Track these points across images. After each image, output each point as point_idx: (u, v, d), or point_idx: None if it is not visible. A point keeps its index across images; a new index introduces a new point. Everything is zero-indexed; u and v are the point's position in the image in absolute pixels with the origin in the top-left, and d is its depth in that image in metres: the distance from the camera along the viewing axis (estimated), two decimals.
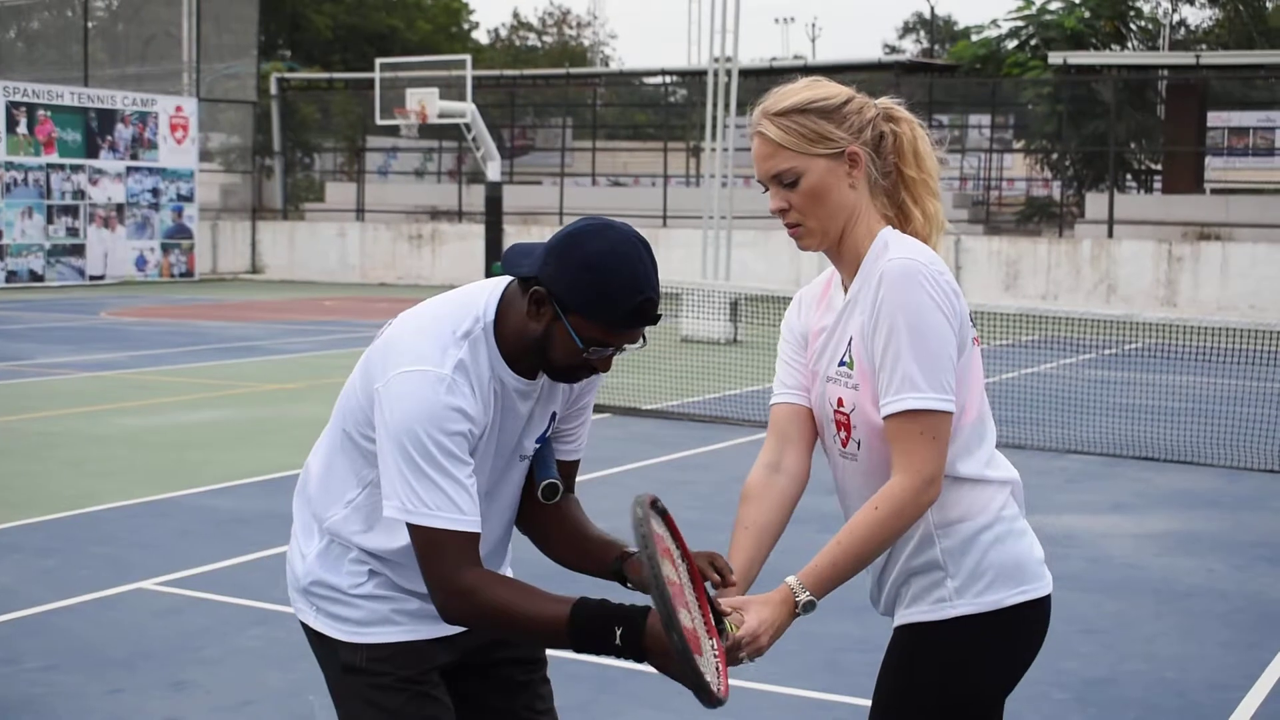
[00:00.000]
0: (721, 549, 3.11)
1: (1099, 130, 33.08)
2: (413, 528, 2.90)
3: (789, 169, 2.97)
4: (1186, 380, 15.29)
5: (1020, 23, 36.31)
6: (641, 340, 2.94)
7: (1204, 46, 50.33)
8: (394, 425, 2.88)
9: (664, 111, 44.38)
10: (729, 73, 21.51)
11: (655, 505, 2.82)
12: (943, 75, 38.10)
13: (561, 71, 44.81)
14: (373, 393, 2.96)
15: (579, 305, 2.86)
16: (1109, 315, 15.47)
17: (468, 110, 29.72)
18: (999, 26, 37.24)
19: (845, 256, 3.04)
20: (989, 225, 34.15)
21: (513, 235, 33.32)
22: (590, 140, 42.72)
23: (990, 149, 37.92)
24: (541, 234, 34.78)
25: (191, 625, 6.99)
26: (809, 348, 3.14)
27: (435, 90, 29.79)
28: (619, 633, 2.79)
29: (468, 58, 32.90)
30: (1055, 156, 35.25)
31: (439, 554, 2.89)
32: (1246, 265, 27.93)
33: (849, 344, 3.01)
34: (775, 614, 2.87)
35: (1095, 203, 32.30)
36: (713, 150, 22.00)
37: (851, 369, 2.98)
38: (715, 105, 21.64)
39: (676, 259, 31.08)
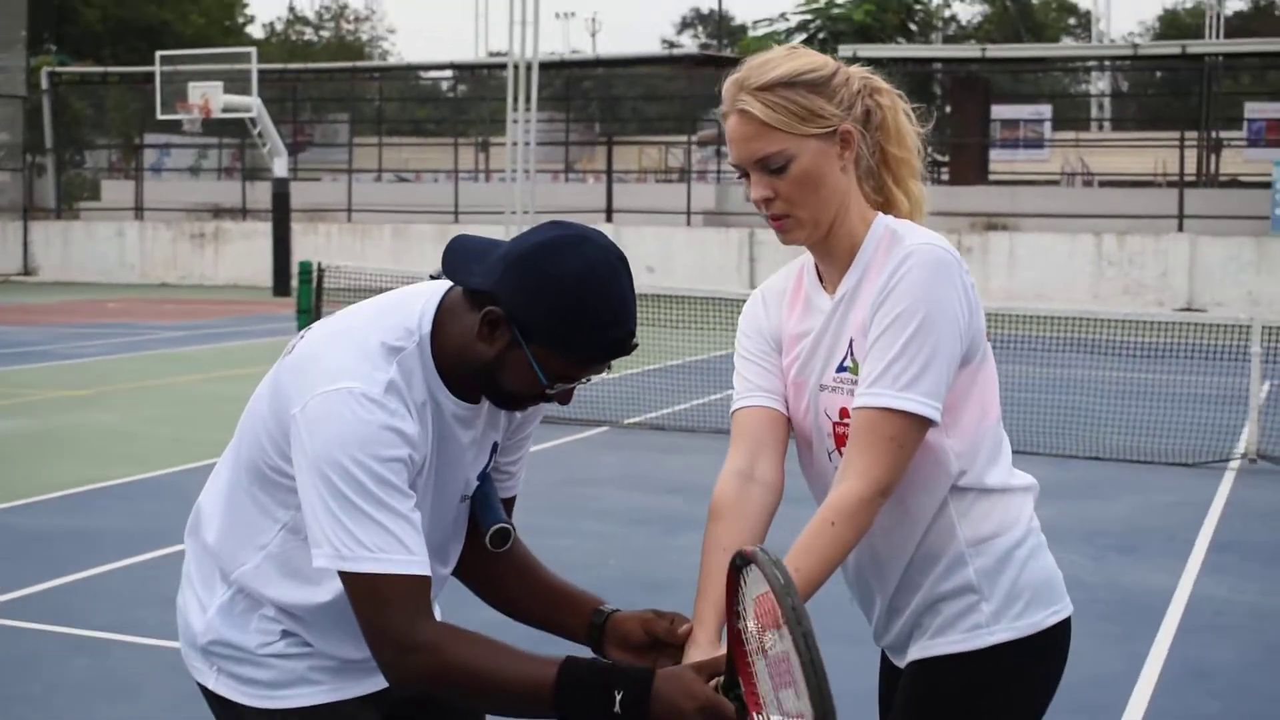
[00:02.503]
0: (564, 554, 2.73)
1: None
2: (350, 577, 2.42)
3: (778, 152, 2.60)
4: (1002, 370, 15.37)
5: (809, 16, 36.59)
6: (608, 369, 2.54)
7: (973, 41, 51.45)
8: (317, 455, 2.41)
9: (448, 107, 43.77)
10: (529, 66, 21.13)
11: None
12: (733, 68, 38.20)
13: (347, 65, 43.91)
14: (287, 420, 2.49)
15: (546, 336, 2.43)
16: None
17: (253, 105, 28.86)
18: (788, 20, 37.50)
19: (836, 248, 2.69)
20: None
21: (299, 233, 32.46)
22: (373, 136, 41.86)
23: None
24: (329, 231, 33.95)
25: (9, 655, 6.40)
26: (786, 354, 2.78)
27: (220, 84, 28.87)
28: (619, 698, 2.36)
29: (253, 50, 31.91)
30: None
31: (385, 606, 2.41)
32: (1032, 255, 28.50)
33: (849, 346, 2.66)
34: None
35: None
36: (514, 145, 21.59)
37: (855, 373, 2.64)
38: (516, 99, 21.25)
39: None
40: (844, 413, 2.65)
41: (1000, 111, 41.34)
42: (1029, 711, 2.73)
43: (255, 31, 68.86)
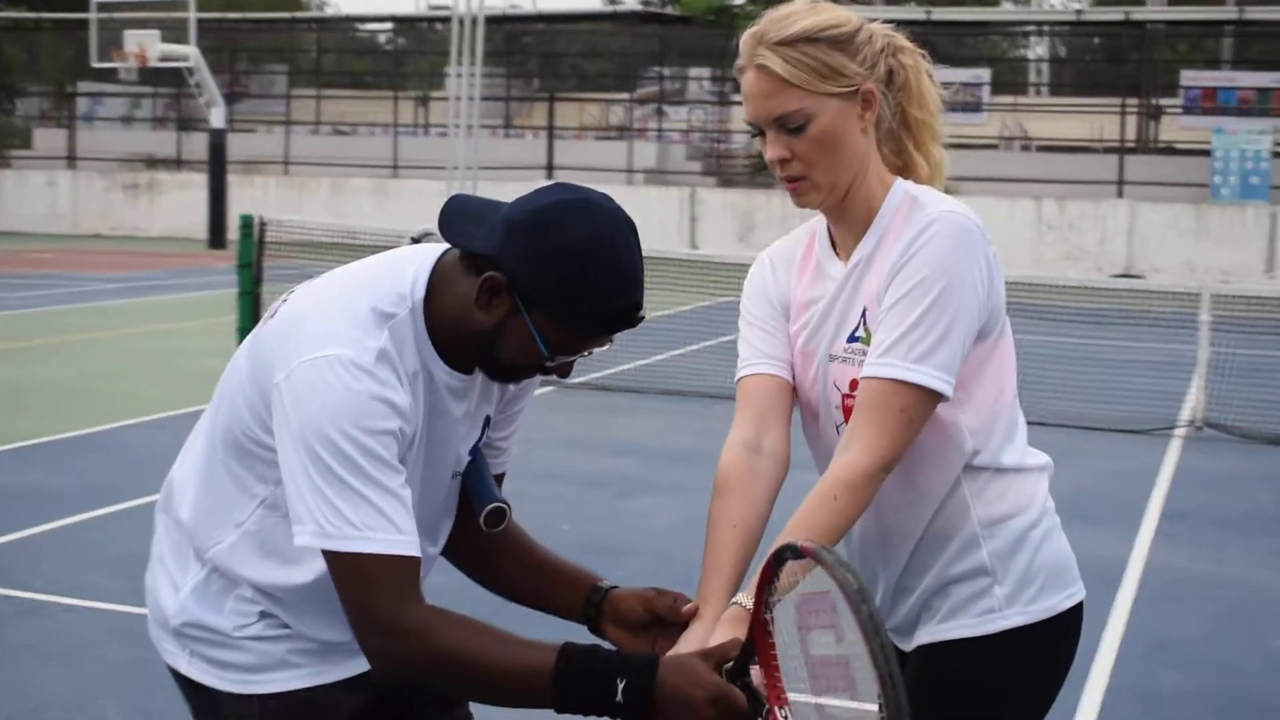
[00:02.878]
0: (515, 518, 2.61)
1: None
2: (334, 556, 2.29)
3: (797, 110, 2.49)
4: None
5: None
6: (610, 341, 2.42)
7: (913, 3, 51.47)
8: (302, 426, 2.28)
9: (386, 59, 43.31)
10: (474, 20, 20.89)
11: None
12: (675, 26, 38.08)
13: (287, 16, 43.32)
14: (269, 388, 2.35)
15: (549, 305, 2.31)
16: None
17: (191, 54, 28.41)
18: None
19: (852, 213, 2.59)
20: (721, 177, 34.24)
21: (235, 185, 32.06)
22: (309, 88, 41.36)
23: (723, 101, 37.97)
24: (265, 184, 33.54)
25: None
26: (794, 321, 2.68)
27: (157, 32, 28.39)
28: (621, 686, 2.24)
29: None
30: None
31: (372, 587, 2.28)
32: None
33: (862, 314, 2.56)
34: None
35: None
36: (457, 100, 21.34)
37: (868, 343, 2.54)
38: (460, 53, 21.01)
39: (410, 211, 30.32)
40: (854, 384, 2.55)
41: (938, 75, 41.44)
42: (1041, 697, 2.66)
43: None
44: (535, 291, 2.31)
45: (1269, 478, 10.01)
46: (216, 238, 29.92)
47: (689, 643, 2.37)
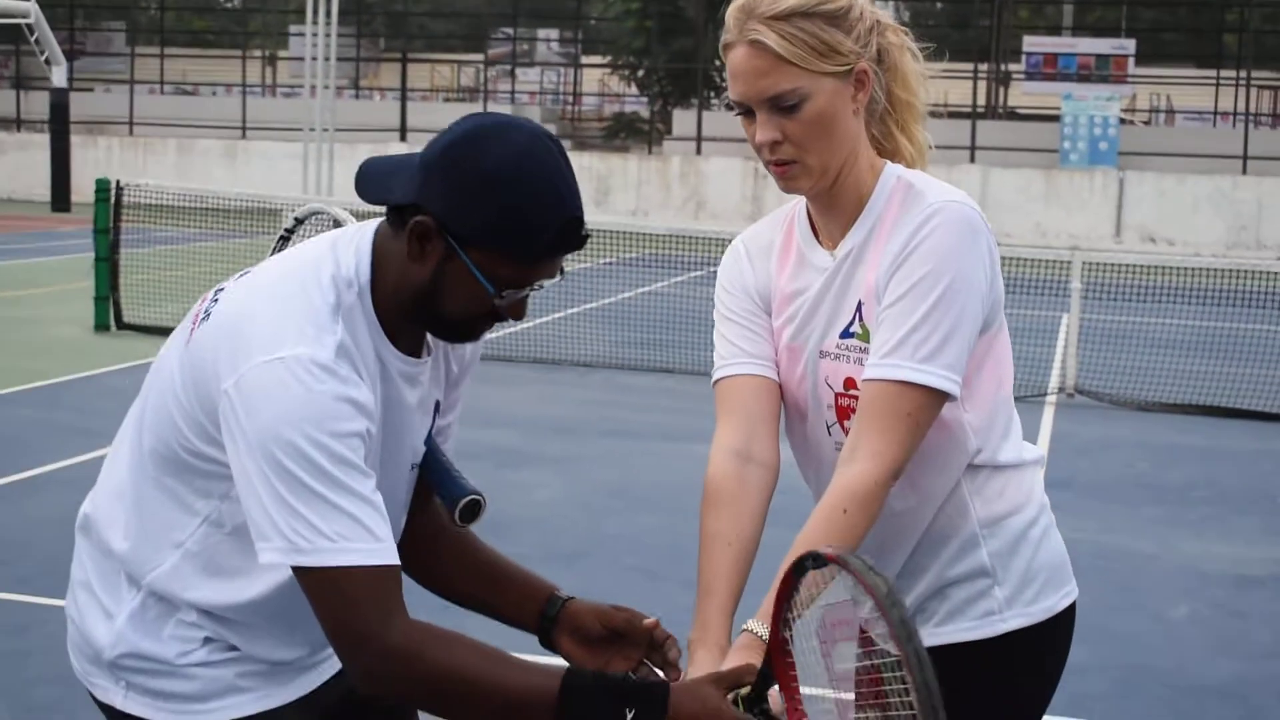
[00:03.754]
0: None
1: (686, 48, 33.31)
2: (309, 572, 2.11)
3: (792, 89, 2.34)
4: None
5: None
6: (559, 273, 2.26)
7: None
8: (261, 435, 2.10)
9: (227, 17, 42.38)
10: None
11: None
12: None
13: None
14: (214, 395, 2.17)
15: (483, 236, 2.15)
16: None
17: (30, 10, 27.51)
18: None
19: (842, 200, 2.45)
20: (576, 140, 34.06)
21: (78, 146, 31.17)
22: (151, 45, 40.29)
23: (576, 64, 37.75)
24: (110, 145, 32.66)
25: None
26: (777, 316, 2.53)
27: None
28: (630, 716, 2.11)
29: None
30: (642, 73, 35.38)
31: (354, 604, 2.12)
32: None
33: (857, 308, 2.43)
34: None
35: (683, 120, 32.57)
36: (313, 60, 20.91)
37: (864, 339, 2.41)
38: (316, 12, 20.59)
39: (261, 173, 29.77)
40: (850, 383, 2.43)
41: None
42: (1040, 700, 2.58)
43: None
44: (466, 227, 2.15)
45: (1145, 444, 10.15)
46: (60, 200, 29.09)
47: (697, 672, 2.24)
